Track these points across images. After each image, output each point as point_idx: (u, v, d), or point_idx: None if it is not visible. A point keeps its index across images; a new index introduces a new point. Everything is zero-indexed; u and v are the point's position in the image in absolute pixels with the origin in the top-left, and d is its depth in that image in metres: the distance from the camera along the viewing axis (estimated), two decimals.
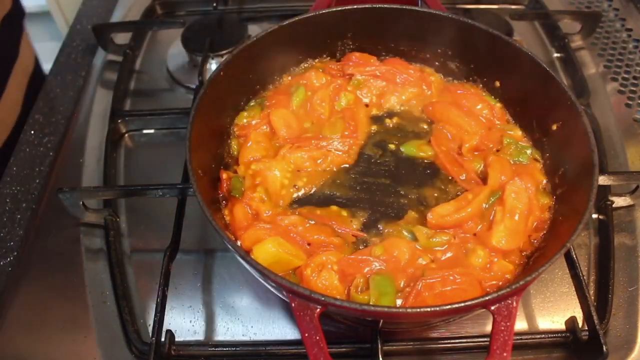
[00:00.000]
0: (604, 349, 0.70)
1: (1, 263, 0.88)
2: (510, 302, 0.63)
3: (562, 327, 0.78)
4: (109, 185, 0.95)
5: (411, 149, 0.90)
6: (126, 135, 1.07)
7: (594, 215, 0.92)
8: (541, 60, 0.85)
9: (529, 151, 0.88)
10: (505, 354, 0.60)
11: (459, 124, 0.91)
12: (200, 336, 0.80)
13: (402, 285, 0.73)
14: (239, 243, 0.77)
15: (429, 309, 0.62)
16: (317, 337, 0.60)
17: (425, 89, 0.97)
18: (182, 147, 0.75)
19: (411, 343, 0.77)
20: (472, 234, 0.79)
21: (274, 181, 0.83)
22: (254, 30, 1.24)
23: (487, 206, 0.80)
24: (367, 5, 0.93)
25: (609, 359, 0.71)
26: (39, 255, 0.89)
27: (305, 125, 0.92)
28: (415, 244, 0.77)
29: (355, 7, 0.93)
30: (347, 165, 0.89)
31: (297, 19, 0.92)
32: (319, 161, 0.88)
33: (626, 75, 1.18)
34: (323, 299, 0.61)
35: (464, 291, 0.71)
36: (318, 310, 0.61)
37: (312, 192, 0.86)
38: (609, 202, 0.91)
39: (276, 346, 0.77)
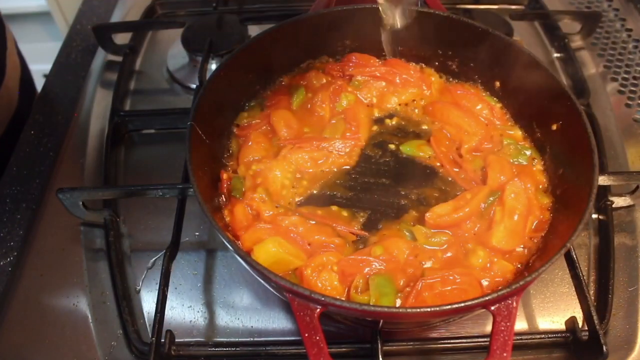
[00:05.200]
0: (604, 349, 0.70)
1: (1, 263, 0.88)
2: (510, 302, 0.63)
3: (562, 327, 0.78)
4: (109, 185, 0.95)
5: (411, 148, 0.90)
6: (126, 135, 1.06)
7: (594, 215, 0.92)
8: (541, 60, 0.85)
9: (528, 152, 0.88)
10: (505, 354, 0.60)
11: (459, 124, 0.91)
12: (200, 336, 0.80)
13: (402, 285, 0.73)
14: (239, 243, 0.77)
15: (429, 309, 0.62)
16: (317, 337, 0.60)
17: (425, 89, 0.97)
18: (182, 147, 0.75)
19: (411, 343, 0.77)
20: (471, 234, 0.79)
21: (275, 181, 0.83)
22: (254, 30, 1.24)
23: (485, 206, 0.80)
24: (367, 5, 0.93)
25: (609, 359, 0.71)
26: (39, 255, 0.89)
27: (305, 129, 0.92)
28: (415, 243, 0.77)
29: (355, 7, 0.93)
30: (348, 166, 0.89)
31: (297, 19, 0.92)
32: (319, 162, 0.88)
33: (626, 75, 1.18)
34: (323, 299, 0.61)
35: (464, 291, 0.71)
36: (318, 310, 0.61)
37: (312, 192, 0.85)
38: (609, 202, 0.91)
39: (276, 346, 0.77)
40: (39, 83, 1.29)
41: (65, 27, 2.39)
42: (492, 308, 0.62)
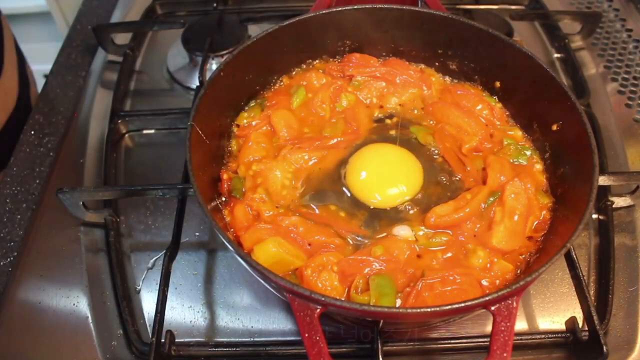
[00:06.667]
0: (604, 349, 0.70)
1: (1, 263, 0.88)
2: (510, 302, 0.63)
3: (562, 327, 0.78)
4: (109, 185, 0.95)
5: (418, 132, 0.91)
6: (126, 135, 1.07)
7: (594, 216, 0.92)
8: (541, 61, 0.85)
9: (528, 152, 0.88)
10: (505, 354, 0.60)
11: (459, 125, 0.91)
12: (200, 336, 0.80)
13: (402, 285, 0.73)
14: (239, 243, 0.77)
15: (429, 309, 0.62)
16: (317, 337, 0.60)
17: (425, 90, 0.97)
18: (182, 147, 0.75)
19: (411, 343, 0.77)
20: (471, 234, 0.79)
21: (275, 182, 0.83)
22: (254, 30, 1.24)
23: (485, 206, 0.80)
24: (367, 6, 0.93)
25: (609, 359, 0.71)
26: (39, 255, 0.89)
27: (305, 129, 0.92)
28: (415, 244, 0.77)
29: (355, 7, 0.93)
30: None
31: (297, 19, 0.92)
32: (320, 162, 0.88)
33: (626, 76, 1.18)
34: (323, 299, 0.61)
35: (464, 291, 0.71)
36: (318, 310, 0.61)
37: (313, 192, 0.85)
38: (609, 203, 0.91)
39: (276, 346, 0.77)
40: (39, 83, 1.29)
41: (65, 27, 2.39)
42: (492, 308, 0.62)
